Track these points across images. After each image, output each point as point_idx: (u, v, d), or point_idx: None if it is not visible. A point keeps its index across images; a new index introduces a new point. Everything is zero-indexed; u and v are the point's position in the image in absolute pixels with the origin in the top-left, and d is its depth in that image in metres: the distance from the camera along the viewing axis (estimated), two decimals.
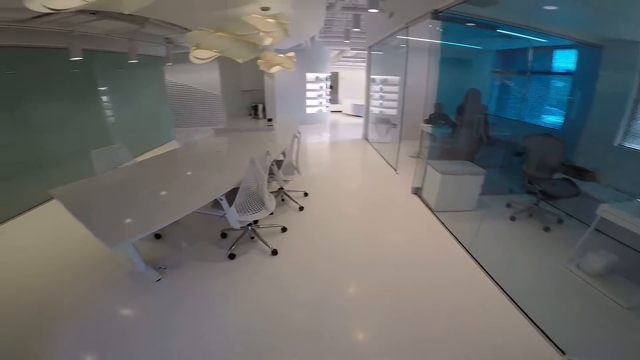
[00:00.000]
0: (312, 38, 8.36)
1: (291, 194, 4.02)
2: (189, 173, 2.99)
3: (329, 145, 7.70)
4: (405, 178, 4.79)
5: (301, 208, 3.74)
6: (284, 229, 3.26)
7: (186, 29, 4.72)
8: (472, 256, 2.76)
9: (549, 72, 3.76)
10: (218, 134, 4.74)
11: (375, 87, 7.44)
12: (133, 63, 6.08)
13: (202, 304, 2.25)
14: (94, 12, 3.89)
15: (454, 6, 2.95)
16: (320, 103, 10.17)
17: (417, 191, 4.22)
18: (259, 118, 5.69)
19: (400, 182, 4.72)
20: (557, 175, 3.14)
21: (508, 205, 3.62)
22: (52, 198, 2.35)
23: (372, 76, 7.27)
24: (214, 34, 2.32)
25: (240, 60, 2.76)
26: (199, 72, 8.45)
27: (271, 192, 3.77)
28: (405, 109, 5.13)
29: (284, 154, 3.60)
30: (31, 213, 3.96)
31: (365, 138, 7.82)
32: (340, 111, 13.24)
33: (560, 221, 3.28)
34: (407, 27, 4.08)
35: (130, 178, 2.87)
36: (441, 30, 3.45)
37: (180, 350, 1.88)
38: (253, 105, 5.78)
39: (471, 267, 2.67)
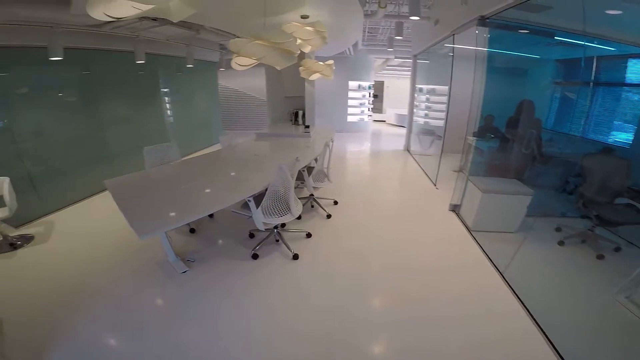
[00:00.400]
0: (355, 46, 8.46)
1: (321, 202, 4.07)
2: (225, 173, 3.19)
3: (368, 155, 7.66)
4: (445, 194, 4.57)
5: (329, 216, 3.76)
6: (308, 235, 3.30)
7: (236, 36, 5.09)
8: (505, 279, 2.55)
9: (619, 84, 3.37)
10: (259, 138, 4.99)
11: (419, 97, 7.27)
12: (190, 67, 6.71)
13: (219, 299, 2.38)
14: (155, 19, 4.39)
15: (501, 11, 2.81)
16: (362, 112, 10.17)
17: (455, 208, 4.01)
18: (298, 124, 5.88)
19: (438, 198, 4.52)
20: (620, 200, 2.78)
21: (558, 229, 3.28)
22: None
23: (417, 85, 7.11)
24: (252, 42, 2.49)
25: (278, 68, 2.91)
26: (248, 77, 8.95)
27: (301, 198, 3.88)
28: (451, 120, 4.93)
29: (316, 160, 3.68)
30: (93, 199, 4.56)
31: (407, 149, 7.63)
32: (384, 121, 13.10)
33: (617, 249, 2.89)
34: (453, 34, 3.96)
35: (172, 174, 3.16)
36: (489, 37, 3.30)
37: (187, 339, 2.00)
38: (294, 111, 5.99)
39: (503, 291, 2.47)
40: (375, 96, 13.48)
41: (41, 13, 3.17)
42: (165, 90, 6.71)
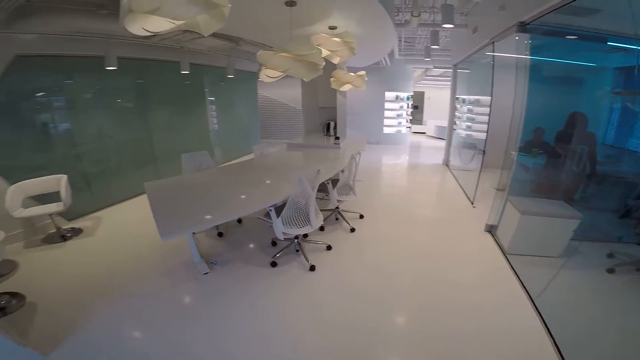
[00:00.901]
0: (391, 56, 8.42)
1: (346, 215, 4.06)
2: (253, 182, 3.34)
3: (403, 168, 7.48)
4: (482, 213, 4.30)
5: (352, 229, 3.74)
6: (329, 247, 3.31)
7: (269, 47, 5.37)
8: (535, 307, 2.34)
9: None
10: (290, 148, 5.15)
11: (460, 108, 7.00)
12: (231, 77, 7.18)
13: (234, 303, 2.49)
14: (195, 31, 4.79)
15: (542, 16, 2.65)
16: (399, 123, 10.01)
17: (491, 229, 3.76)
18: (330, 135, 5.96)
19: (474, 217, 4.27)
20: None
21: (610, 255, 2.92)
22: None
23: (458, 96, 6.87)
24: (277, 55, 2.63)
25: (305, 79, 3.01)
26: (286, 87, 9.32)
27: (326, 210, 3.92)
28: (495, 133, 4.68)
29: (343, 172, 3.69)
30: (138, 199, 5.05)
31: (446, 163, 7.34)
32: (424, 132, 12.76)
33: None
34: (492, 42, 3.81)
35: (205, 181, 3.41)
36: (532, 44, 3.12)
37: (196, 337, 2.13)
38: (326, 122, 6.08)
39: (532, 320, 2.26)
40: (415, 107, 13.23)
41: (96, 25, 3.60)
42: (208, 99, 7.25)
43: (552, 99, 3.84)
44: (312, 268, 2.93)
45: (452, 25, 3.81)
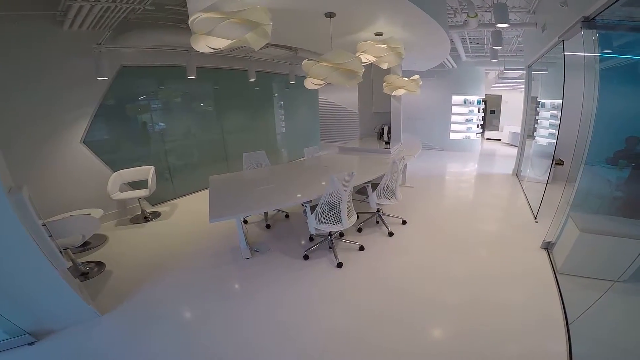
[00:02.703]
0: (458, 58, 8.01)
1: (387, 219, 4.12)
2: (299, 180, 3.71)
3: (466, 177, 7.05)
4: (544, 229, 3.90)
5: (391, 234, 3.79)
6: (361, 248, 3.45)
7: (321, 54, 5.70)
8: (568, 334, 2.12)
9: None
10: (340, 152, 5.40)
11: (539, 113, 6.34)
12: (293, 83, 7.78)
13: (263, 288, 2.86)
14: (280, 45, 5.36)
15: (607, 8, 2.40)
16: (468, 129, 9.40)
17: (548, 246, 3.43)
18: (384, 140, 6.02)
19: (533, 233, 3.90)
20: None
21: None
22: None
23: (534, 99, 6.24)
24: (317, 64, 2.91)
25: (347, 85, 3.23)
26: (346, 91, 9.67)
27: (366, 213, 4.05)
28: (571, 141, 4.20)
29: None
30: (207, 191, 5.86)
31: (516, 174, 6.70)
32: (499, 139, 11.70)
33: None
34: (562, 41, 3.48)
35: (259, 177, 3.93)
36: (602, 41, 2.80)
37: (222, 312, 2.53)
38: (381, 127, 6.15)
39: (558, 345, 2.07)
40: (492, 112, 12.21)
41: (179, 38, 4.34)
42: (275, 103, 8.01)
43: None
44: (340, 265, 3.12)
45: (507, 25, 3.58)
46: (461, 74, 8.85)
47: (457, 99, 9.14)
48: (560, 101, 5.25)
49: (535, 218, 4.34)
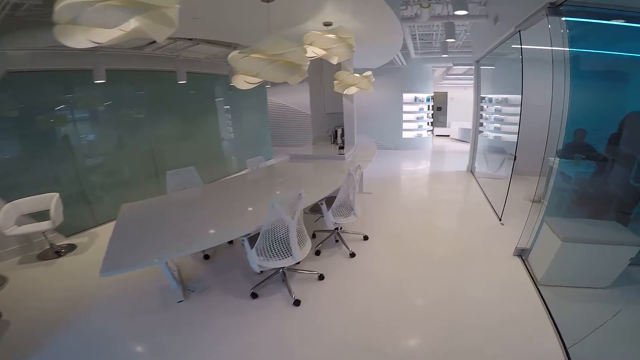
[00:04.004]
0: (407, 55, 7.88)
1: (348, 236, 3.61)
2: (236, 202, 2.97)
3: (422, 177, 6.85)
4: (511, 232, 3.69)
5: (352, 255, 3.26)
6: (321, 277, 2.88)
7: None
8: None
9: None
10: (292, 160, 4.77)
11: (486, 109, 6.33)
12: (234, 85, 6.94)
13: (198, 342, 2.19)
14: (190, 38, 4.58)
15: None
16: (420, 127, 9.36)
17: (522, 253, 3.16)
18: (337, 144, 5.53)
19: (502, 237, 3.66)
20: None
21: None
22: None
23: (482, 95, 6.21)
24: (247, 57, 2.25)
25: (290, 82, 2.62)
26: (299, 92, 9.04)
27: (323, 231, 3.48)
28: (526, 135, 4.06)
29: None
30: None
31: (471, 171, 6.65)
32: (447, 135, 11.99)
33: None
34: (518, 31, 3.23)
35: (187, 201, 3.13)
36: (571, 31, 2.53)
37: None
38: (334, 130, 5.65)
39: None
40: (438, 109, 12.48)
41: None
42: (217, 108, 7.11)
43: (601, 96, 3.18)
44: (297, 303, 2.52)
45: (466, 12, 3.29)
46: (410, 72, 8.75)
47: (407, 97, 9.03)
48: (513, 96, 5.24)
49: (500, 219, 4.13)
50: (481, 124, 6.42)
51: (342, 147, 4.49)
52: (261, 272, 2.96)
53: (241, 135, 7.88)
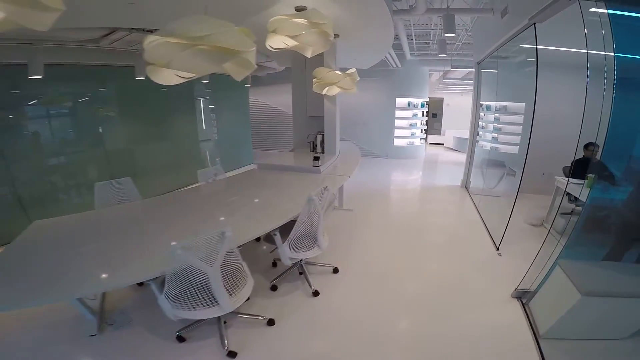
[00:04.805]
0: (403, 57, 7.29)
1: (314, 269, 2.97)
2: (176, 225, 2.31)
3: (412, 193, 6.18)
4: (510, 265, 3.11)
5: (315, 293, 2.62)
6: (270, 322, 2.25)
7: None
8: None
9: None
10: (260, 169, 4.10)
11: (483, 117, 5.74)
12: (222, 84, 6.37)
13: None
14: (151, 30, 3.92)
15: None
16: (413, 134, 8.77)
17: (522, 296, 2.56)
18: (317, 152, 4.88)
19: (499, 272, 3.07)
20: None
21: None
22: None
23: (482, 102, 5.62)
24: (159, 42, 1.58)
25: (236, 78, 1.95)
26: (284, 93, 8.45)
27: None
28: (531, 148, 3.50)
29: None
30: None
31: (465, 186, 6.05)
32: (442, 144, 11.43)
33: None
34: (533, 24, 2.63)
35: (111, 220, 2.46)
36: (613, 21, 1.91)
37: None
38: (315, 136, 4.99)
39: None
40: (433, 115, 11.93)
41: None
42: (187, 108, 6.48)
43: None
44: (232, 355, 1.92)
45: None
46: (405, 75, 8.15)
47: (400, 101, 8.43)
48: (515, 103, 4.66)
49: (498, 249, 3.51)
50: (478, 134, 5.84)
51: (317, 158, 3.82)
52: None
53: (218, 138, 7.25)
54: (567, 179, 3.98)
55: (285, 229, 2.34)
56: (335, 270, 2.96)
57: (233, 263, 1.86)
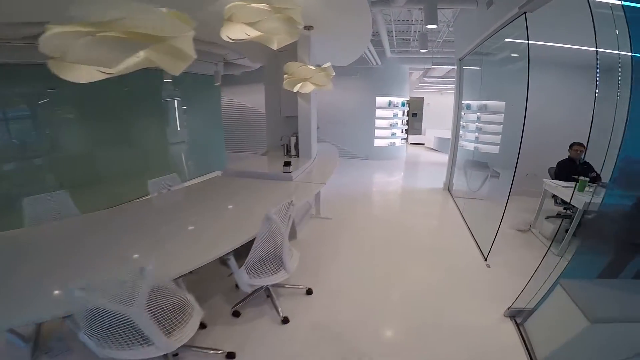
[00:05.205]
0: (383, 54, 7.05)
1: (283, 291, 2.60)
2: (100, 251, 1.86)
3: (393, 197, 5.89)
4: (501, 278, 2.89)
5: (285, 320, 2.25)
6: (230, 356, 1.89)
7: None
8: None
9: None
10: (224, 176, 3.65)
11: (465, 116, 5.56)
12: (187, 83, 5.90)
13: None
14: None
15: None
16: (393, 134, 8.55)
17: (517, 315, 2.29)
18: (291, 156, 4.51)
19: (489, 286, 2.81)
20: None
21: None
22: None
23: (464, 101, 5.43)
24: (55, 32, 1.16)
25: (172, 72, 1.54)
26: (259, 92, 8.07)
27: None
28: (510, 149, 3.30)
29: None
30: None
31: (448, 189, 5.85)
32: (422, 144, 11.33)
33: None
34: (523, 13, 2.38)
35: (43, 239, 2.03)
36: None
37: None
38: (289, 137, 4.61)
39: None
40: (414, 115, 11.82)
41: None
42: (151, 109, 5.98)
43: None
44: None
45: None
46: (385, 73, 7.91)
47: (381, 100, 8.18)
48: (499, 102, 4.47)
49: (486, 259, 3.27)
50: (460, 134, 5.65)
51: (287, 163, 3.44)
52: None
53: (188, 140, 6.75)
54: (556, 181, 3.81)
55: (246, 250, 1.96)
56: (309, 292, 2.61)
57: (169, 297, 1.47)
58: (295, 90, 3.37)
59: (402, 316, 2.40)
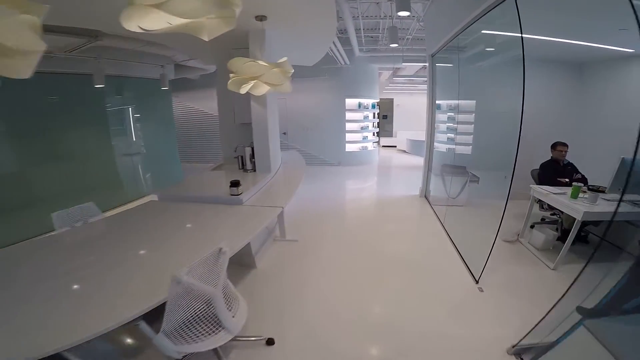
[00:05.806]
0: (351, 53, 6.66)
1: (237, 344, 2.01)
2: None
3: (367, 207, 5.38)
4: (497, 304, 2.50)
5: None
6: None
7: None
8: None
9: None
10: (162, 201, 2.97)
11: (441, 117, 5.24)
12: (128, 88, 5.33)
13: None
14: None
15: None
16: (365, 138, 8.18)
17: (522, 354, 1.86)
18: (247, 171, 3.91)
19: (484, 316, 2.40)
20: None
21: None
22: None
23: (438, 101, 5.11)
24: None
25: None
26: (215, 98, 7.43)
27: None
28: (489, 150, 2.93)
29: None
30: None
31: (425, 196, 5.48)
32: (394, 146, 11.10)
33: None
34: None
35: None
36: None
37: None
38: (243, 147, 3.99)
39: None
40: (384, 117, 11.57)
41: None
42: (90, 118, 5.29)
43: None
44: None
45: None
46: (354, 73, 7.52)
47: (350, 102, 7.77)
48: (473, 101, 4.15)
49: (477, 282, 2.85)
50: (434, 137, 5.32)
51: (235, 183, 2.81)
52: None
53: (132, 152, 6.00)
54: (545, 187, 3.49)
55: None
56: (270, 342, 2.04)
57: None
58: (242, 91, 2.80)
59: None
